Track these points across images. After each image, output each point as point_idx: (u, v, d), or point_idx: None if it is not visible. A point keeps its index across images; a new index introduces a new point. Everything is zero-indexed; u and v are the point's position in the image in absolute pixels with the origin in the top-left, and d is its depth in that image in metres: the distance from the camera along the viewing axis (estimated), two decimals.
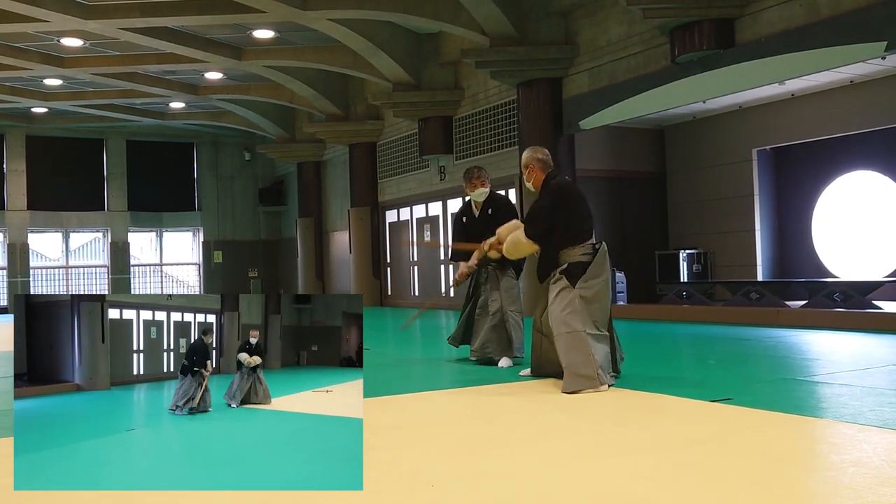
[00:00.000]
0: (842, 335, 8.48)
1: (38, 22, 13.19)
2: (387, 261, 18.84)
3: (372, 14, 13.19)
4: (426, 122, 16.01)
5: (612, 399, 4.80)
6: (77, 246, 22.77)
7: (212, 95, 18.89)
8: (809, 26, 9.34)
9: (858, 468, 2.97)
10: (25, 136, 21.61)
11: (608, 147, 13.83)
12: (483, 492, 2.84)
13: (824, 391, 4.90)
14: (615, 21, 12.06)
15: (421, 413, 4.61)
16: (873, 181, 11.96)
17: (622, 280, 12.85)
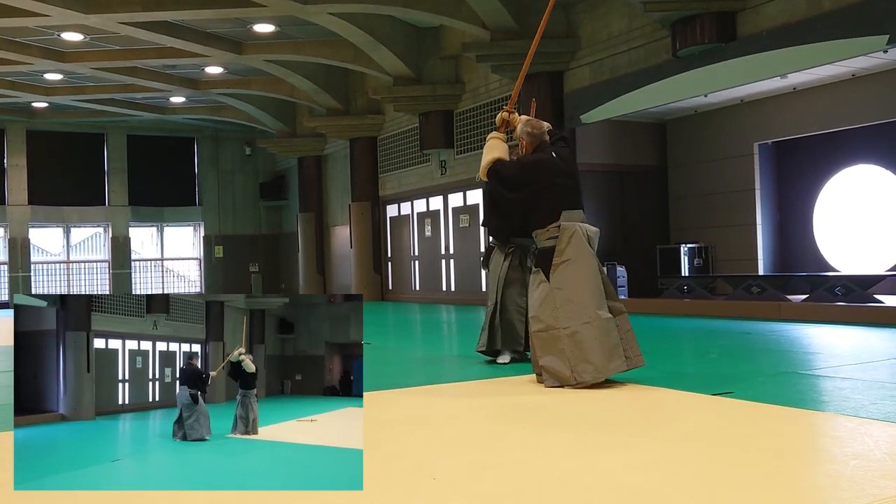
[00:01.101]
0: (843, 329, 8.47)
1: (39, 16, 13.17)
2: (388, 255, 18.84)
3: (372, 8, 13.17)
4: (427, 116, 15.99)
5: (613, 393, 4.80)
6: (78, 241, 22.78)
7: (212, 90, 18.87)
8: (811, 20, 9.31)
9: (860, 461, 2.96)
10: (26, 130, 21.60)
11: (609, 141, 13.81)
12: (484, 485, 2.84)
13: (826, 385, 4.89)
14: (616, 14, 12.04)
15: (422, 407, 4.60)
16: (875, 175, 11.95)
17: (623, 274, 12.84)
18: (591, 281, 4.96)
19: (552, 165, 5.17)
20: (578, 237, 5.00)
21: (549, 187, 5.12)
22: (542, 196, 5.12)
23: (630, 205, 14.08)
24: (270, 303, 5.53)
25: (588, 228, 5.11)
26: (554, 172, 5.14)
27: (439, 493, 2.75)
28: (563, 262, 4.98)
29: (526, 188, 5.17)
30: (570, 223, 5.03)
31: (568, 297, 4.93)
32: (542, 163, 5.18)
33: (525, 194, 5.17)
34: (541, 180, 5.13)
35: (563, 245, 4.99)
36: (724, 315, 10.57)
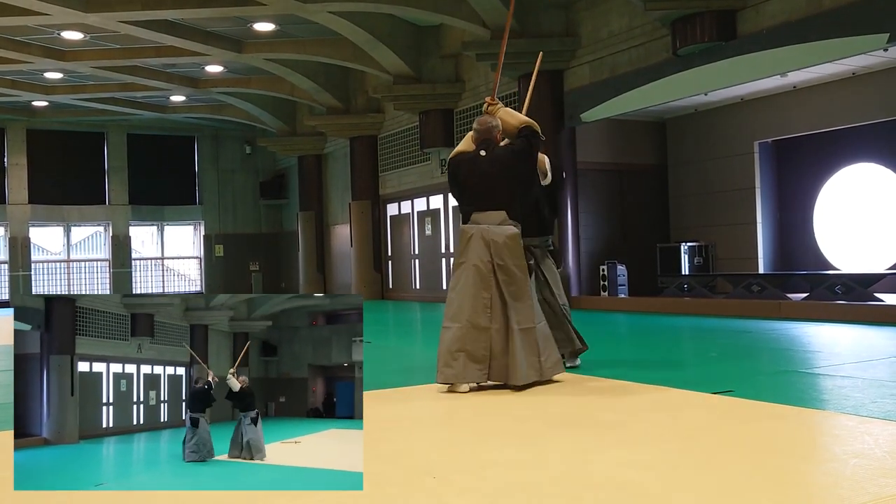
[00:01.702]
0: (843, 327, 8.48)
1: (39, 15, 13.17)
2: (388, 254, 18.84)
3: (372, 7, 13.16)
4: (427, 115, 15.98)
5: (613, 392, 4.80)
6: (78, 240, 22.78)
7: (212, 88, 18.87)
8: (811, 18, 9.31)
9: (860, 460, 2.97)
10: (26, 129, 21.59)
11: (609, 139, 13.80)
12: (484, 483, 2.84)
13: (826, 383, 4.90)
14: (616, 13, 12.03)
15: (422, 406, 4.61)
16: (875, 174, 11.94)
17: (623, 273, 12.86)
18: (470, 287, 4.92)
19: (468, 165, 5.15)
20: (475, 240, 4.98)
21: (465, 188, 5.15)
22: (461, 196, 5.20)
23: (630, 203, 14.08)
24: (254, 326, 5.57)
25: (494, 232, 4.97)
26: (469, 173, 5.13)
27: (439, 492, 2.76)
28: (459, 264, 5.05)
29: (450, 184, 5.30)
30: (470, 226, 5.04)
31: (452, 298, 5.01)
32: (458, 164, 5.21)
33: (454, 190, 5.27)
34: (457, 180, 5.18)
35: (461, 247, 5.07)
36: (725, 314, 10.57)
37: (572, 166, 13.02)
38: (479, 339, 4.86)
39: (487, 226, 5.01)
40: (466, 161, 5.18)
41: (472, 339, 4.85)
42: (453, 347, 4.86)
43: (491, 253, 4.96)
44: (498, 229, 5.01)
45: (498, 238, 4.98)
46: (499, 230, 5.01)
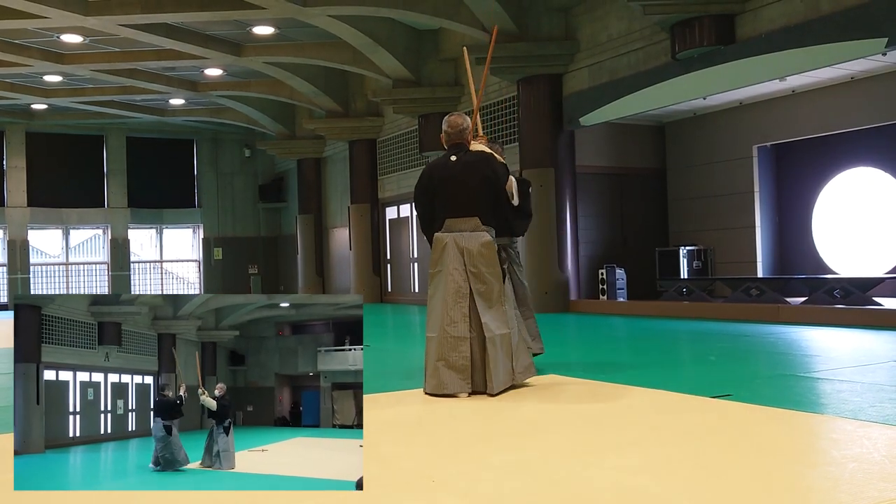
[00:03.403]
0: (842, 331, 8.48)
1: (38, 18, 13.17)
2: (387, 257, 18.84)
3: (372, 10, 13.17)
4: (426, 118, 15.99)
5: (612, 395, 4.80)
6: (77, 243, 22.77)
7: (211, 92, 18.87)
8: (810, 22, 9.32)
9: (859, 464, 2.96)
10: (25, 132, 21.59)
11: (608, 143, 13.82)
12: (483, 487, 2.84)
13: (825, 387, 4.90)
14: (615, 17, 12.05)
15: (421, 409, 4.60)
16: (874, 178, 11.96)
17: (622, 276, 12.86)
18: (450, 296, 4.91)
19: (440, 170, 5.10)
20: (450, 248, 4.97)
21: (437, 194, 5.09)
22: (434, 202, 5.12)
23: (629, 207, 14.09)
24: (221, 335, 5.58)
25: (468, 239, 4.97)
26: (441, 178, 5.08)
27: (438, 496, 2.75)
28: (436, 273, 5.03)
29: (419, 199, 5.19)
30: (444, 234, 5.01)
31: (432, 308, 5.03)
32: (429, 168, 5.20)
33: (422, 202, 5.17)
34: (429, 185, 5.12)
35: (435, 255, 5.04)
36: (723, 317, 10.57)
37: (571, 170, 13.04)
38: (458, 348, 4.82)
39: (461, 233, 4.99)
40: (439, 166, 5.13)
41: (451, 348, 4.83)
42: (434, 358, 4.87)
43: (465, 261, 4.94)
44: (472, 237, 4.98)
45: (472, 246, 4.96)
46: (472, 237, 4.98)
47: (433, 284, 5.04)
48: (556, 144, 12.88)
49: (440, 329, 4.88)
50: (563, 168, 12.90)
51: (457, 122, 5.16)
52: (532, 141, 12.96)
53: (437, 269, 5.03)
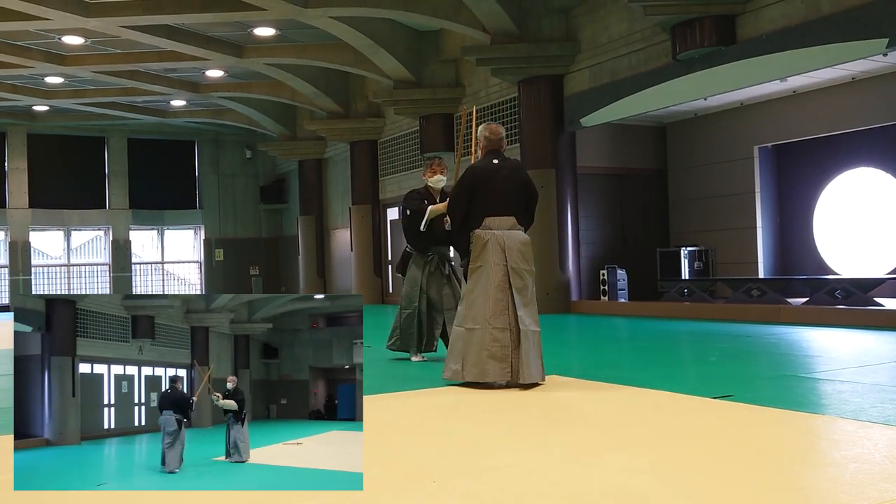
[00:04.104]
0: (843, 332, 8.48)
1: (40, 20, 13.19)
2: (388, 258, 18.83)
3: (373, 11, 13.18)
4: (427, 119, 16.00)
5: (613, 396, 4.80)
6: (79, 244, 22.78)
7: (213, 93, 18.89)
8: (810, 23, 9.32)
9: (860, 464, 2.97)
10: (27, 134, 21.60)
11: (609, 144, 13.82)
12: (484, 488, 2.84)
13: (826, 388, 4.90)
14: (616, 18, 12.05)
15: (422, 410, 4.61)
16: (875, 178, 11.95)
17: (623, 277, 12.86)
18: (492, 289, 5.17)
19: (486, 171, 5.38)
20: (492, 245, 5.23)
21: (480, 192, 5.33)
22: (472, 200, 5.36)
23: (630, 208, 14.09)
24: (254, 328, 5.57)
25: (509, 237, 5.27)
26: (486, 179, 5.34)
27: (439, 496, 2.76)
28: (477, 268, 5.28)
29: (459, 195, 5.44)
30: (485, 231, 5.28)
31: (473, 301, 5.24)
32: (475, 169, 5.43)
33: (462, 200, 5.41)
34: (473, 184, 5.35)
35: (476, 252, 5.29)
36: (724, 318, 10.57)
37: (572, 171, 13.04)
38: (500, 339, 5.10)
39: (501, 231, 5.29)
40: (483, 168, 5.42)
41: (494, 339, 5.10)
42: (478, 348, 5.12)
43: (506, 257, 5.22)
44: (511, 234, 5.30)
45: (512, 243, 5.26)
46: (512, 235, 5.30)
47: (473, 279, 5.27)
48: (557, 145, 12.88)
49: (484, 321, 5.13)
50: (564, 169, 12.90)
51: (498, 130, 5.56)
52: (533, 142, 12.96)
53: (477, 264, 5.27)
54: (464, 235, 5.42)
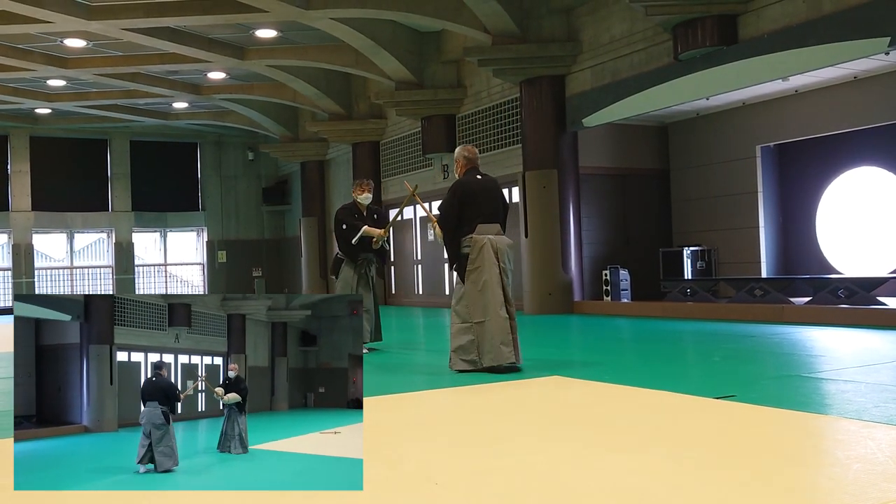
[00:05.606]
0: (846, 331, 8.46)
1: (41, 23, 13.21)
2: (390, 259, 18.83)
3: (374, 13, 13.19)
4: (429, 120, 16.01)
5: (616, 396, 4.80)
6: (81, 246, 22.82)
7: (215, 95, 18.91)
8: (812, 22, 9.32)
9: (863, 464, 2.96)
10: (29, 136, 21.65)
11: (611, 144, 13.81)
12: (486, 489, 2.84)
13: (829, 388, 4.89)
14: (618, 18, 12.05)
15: (424, 411, 4.61)
16: (877, 177, 11.93)
17: (626, 277, 12.85)
18: (494, 286, 6.00)
19: (475, 184, 6.19)
20: (486, 249, 6.03)
21: (469, 203, 6.09)
22: (463, 209, 6.10)
23: (632, 208, 14.08)
24: (292, 315, 5.55)
25: (500, 241, 6.12)
26: (476, 191, 6.14)
27: (442, 498, 2.75)
28: (475, 269, 6.03)
29: (452, 206, 6.15)
30: (481, 236, 6.06)
31: (477, 297, 5.99)
32: (465, 183, 6.20)
33: (456, 211, 6.13)
34: (464, 197, 6.11)
35: (474, 255, 6.05)
36: (727, 318, 10.56)
37: (574, 171, 13.04)
38: (505, 327, 5.92)
39: (492, 236, 6.09)
40: (471, 182, 6.22)
41: (501, 327, 5.90)
42: (491, 336, 5.87)
43: (498, 258, 6.05)
44: (501, 239, 6.16)
45: (502, 246, 6.13)
46: (502, 240, 6.16)
47: (472, 279, 6.02)
48: (559, 145, 12.87)
49: (493, 312, 5.91)
50: (566, 169, 12.90)
51: (474, 150, 6.45)
52: (535, 142, 12.96)
53: (475, 265, 6.03)
54: (455, 242, 6.11)
